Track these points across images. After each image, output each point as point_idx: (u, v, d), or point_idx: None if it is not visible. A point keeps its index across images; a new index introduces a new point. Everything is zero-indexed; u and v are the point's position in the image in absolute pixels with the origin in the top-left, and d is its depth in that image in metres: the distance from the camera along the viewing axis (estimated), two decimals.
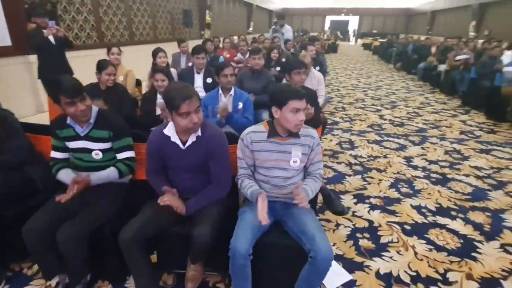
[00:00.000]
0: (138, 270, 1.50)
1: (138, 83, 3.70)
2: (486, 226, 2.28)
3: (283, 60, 4.92)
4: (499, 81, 5.00)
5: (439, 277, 1.80)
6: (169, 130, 1.55)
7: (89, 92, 1.67)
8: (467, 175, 3.06)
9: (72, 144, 1.64)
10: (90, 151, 1.63)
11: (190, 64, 4.46)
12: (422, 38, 12.62)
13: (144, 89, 3.83)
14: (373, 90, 7.20)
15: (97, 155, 1.64)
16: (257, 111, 2.94)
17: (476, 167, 3.23)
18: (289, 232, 1.53)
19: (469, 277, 1.81)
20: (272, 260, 1.54)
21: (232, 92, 2.52)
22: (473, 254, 2.00)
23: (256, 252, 1.39)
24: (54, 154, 1.67)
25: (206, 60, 3.36)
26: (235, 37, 7.68)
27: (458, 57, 6.59)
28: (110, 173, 1.64)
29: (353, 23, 24.74)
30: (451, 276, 1.81)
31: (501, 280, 1.79)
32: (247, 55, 5.29)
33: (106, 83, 2.68)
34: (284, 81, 2.96)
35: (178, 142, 1.54)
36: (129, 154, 1.70)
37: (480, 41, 8.36)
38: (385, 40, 14.68)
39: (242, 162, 1.62)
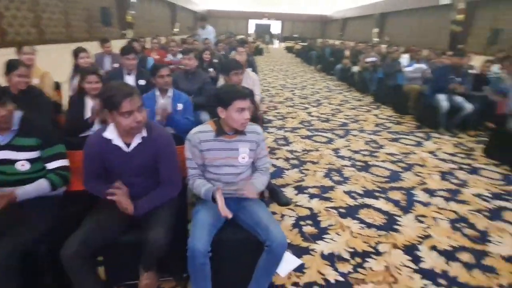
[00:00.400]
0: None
1: (57, 86, 3.31)
2: (402, 202, 2.68)
3: (215, 61, 4.95)
4: (400, 80, 5.88)
5: (372, 250, 2.06)
6: (110, 133, 1.46)
7: None
8: (384, 161, 3.54)
9: None
10: (13, 162, 1.43)
11: (116, 65, 4.19)
12: (337, 42, 14.01)
13: (66, 92, 3.44)
14: (300, 90, 7.71)
15: (23, 166, 1.45)
16: (195, 112, 2.92)
17: (390, 154, 3.75)
18: (243, 225, 1.58)
19: (395, 246, 2.11)
20: (229, 256, 1.57)
21: (170, 93, 2.46)
22: (395, 226, 2.33)
23: (213, 250, 1.41)
24: None
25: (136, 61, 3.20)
26: (162, 38, 7.41)
27: (367, 60, 7.51)
28: (39, 186, 1.46)
29: (275, 27, 26.04)
30: (381, 247, 2.09)
31: (418, 245, 2.13)
32: (178, 56, 5.18)
33: (18, 85, 2.35)
34: (221, 81, 3.01)
35: (122, 144, 1.46)
36: (62, 163, 1.54)
37: (384, 46, 9.61)
38: (305, 44, 15.83)
39: (192, 163, 1.61)
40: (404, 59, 7.00)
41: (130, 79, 3.08)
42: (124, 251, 1.53)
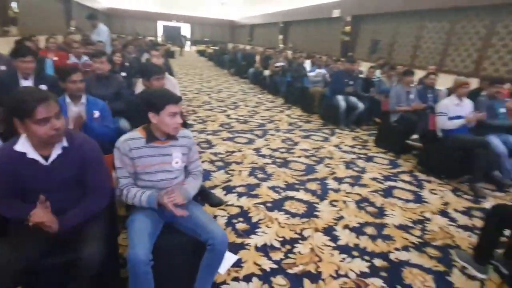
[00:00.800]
0: None
1: None
2: (318, 191, 3.04)
3: (127, 64, 4.67)
4: (306, 83, 6.55)
5: (299, 236, 2.30)
6: (23, 146, 1.29)
7: None
8: (300, 156, 3.92)
9: None
10: None
11: (2, 67, 3.58)
12: (248, 47, 14.63)
13: None
14: (216, 93, 7.83)
15: None
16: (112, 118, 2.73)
17: (304, 149, 4.18)
18: (182, 229, 1.59)
19: (316, 230, 2.40)
20: (171, 261, 1.56)
21: (83, 99, 2.26)
22: (315, 213, 2.64)
23: (154, 257, 1.39)
24: None
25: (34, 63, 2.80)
26: (59, 37, 6.54)
27: (276, 64, 8.12)
28: None
29: (185, 30, 25.57)
30: (305, 233, 2.35)
31: (334, 226, 2.47)
32: (83, 58, 4.71)
33: None
34: (140, 87, 2.88)
35: (38, 158, 1.31)
36: None
37: (289, 51, 10.48)
38: (217, 48, 16.06)
39: (123, 172, 1.55)
40: (307, 64, 7.82)
41: (27, 84, 2.69)
42: (50, 276, 1.37)
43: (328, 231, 2.40)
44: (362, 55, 11.07)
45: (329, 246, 2.23)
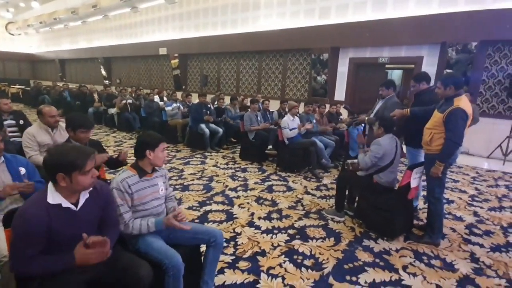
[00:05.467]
0: None
1: None
2: (225, 201, 3.73)
3: None
4: (165, 117, 7.04)
5: (234, 233, 2.94)
6: (54, 197, 1.39)
7: None
8: (193, 179, 4.45)
9: None
10: None
11: None
12: (61, 84, 13.12)
13: None
14: None
15: None
16: None
17: (192, 174, 4.72)
18: (182, 240, 1.95)
19: (243, 226, 3.11)
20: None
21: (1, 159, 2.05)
22: (233, 216, 3.33)
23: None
24: None
25: None
26: None
27: (124, 101, 8.10)
28: None
29: None
30: (237, 230, 3.01)
31: (252, 220, 3.26)
32: None
33: None
34: None
35: (71, 205, 1.44)
36: None
37: (131, 88, 10.40)
38: (25, 87, 13.36)
39: (125, 207, 1.77)
40: (157, 99, 8.28)
41: None
42: None
43: (251, 224, 3.16)
44: (194, 88, 12.48)
45: (258, 232, 2.99)
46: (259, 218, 3.31)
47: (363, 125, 4.65)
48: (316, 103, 6.01)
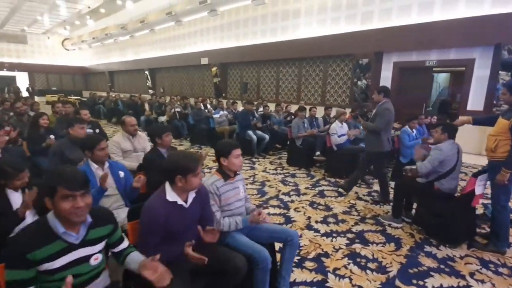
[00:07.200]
0: None
1: None
2: (281, 205, 3.91)
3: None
4: (212, 124, 7.42)
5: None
6: (171, 196, 1.66)
7: None
8: (246, 184, 4.67)
9: (60, 262, 1.22)
10: (88, 258, 1.31)
11: None
12: (113, 94, 14.16)
13: None
14: None
15: (96, 260, 1.34)
16: None
17: (246, 178, 4.95)
18: (260, 239, 2.14)
19: (302, 229, 3.26)
20: None
21: (106, 164, 2.40)
22: (291, 219, 3.50)
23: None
24: None
25: None
26: None
27: (173, 110, 8.63)
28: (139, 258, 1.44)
29: (22, 79, 21.67)
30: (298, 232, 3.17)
31: (310, 223, 3.40)
32: None
33: None
34: None
35: (183, 203, 1.69)
36: (127, 242, 1.51)
37: (175, 96, 11.04)
38: (81, 97, 14.66)
39: (216, 207, 2.01)
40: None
41: None
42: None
43: (309, 227, 3.31)
44: (234, 96, 12.89)
45: (317, 235, 3.13)
46: (316, 221, 3.44)
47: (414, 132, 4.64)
48: (360, 108, 6.04)
